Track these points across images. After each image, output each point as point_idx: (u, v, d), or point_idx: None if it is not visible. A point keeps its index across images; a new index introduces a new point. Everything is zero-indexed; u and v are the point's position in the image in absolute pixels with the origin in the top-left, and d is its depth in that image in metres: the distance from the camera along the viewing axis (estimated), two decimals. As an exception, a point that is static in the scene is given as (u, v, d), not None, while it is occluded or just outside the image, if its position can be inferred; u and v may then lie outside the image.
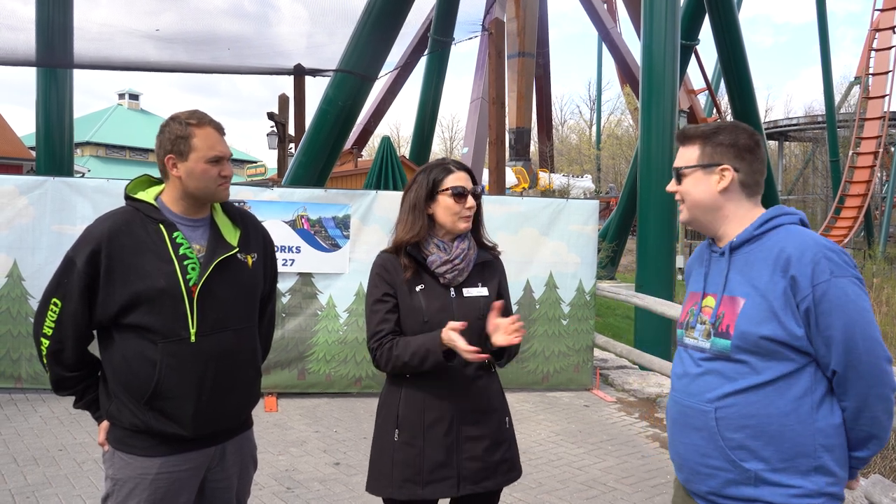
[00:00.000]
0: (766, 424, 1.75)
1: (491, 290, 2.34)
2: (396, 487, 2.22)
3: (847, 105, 37.99)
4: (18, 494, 4.01)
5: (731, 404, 1.78)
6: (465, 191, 2.28)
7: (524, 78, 27.69)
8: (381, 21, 9.43)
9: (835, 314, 1.69)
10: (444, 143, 62.11)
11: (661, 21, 8.36)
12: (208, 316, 2.09)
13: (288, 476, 4.44)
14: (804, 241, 1.76)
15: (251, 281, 2.23)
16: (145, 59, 10.92)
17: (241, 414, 2.25)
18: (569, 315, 6.70)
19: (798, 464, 1.74)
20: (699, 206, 1.91)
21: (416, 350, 2.17)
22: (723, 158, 1.87)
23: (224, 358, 2.12)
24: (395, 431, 2.25)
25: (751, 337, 1.75)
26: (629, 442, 5.33)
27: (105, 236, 2.05)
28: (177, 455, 2.10)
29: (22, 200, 5.99)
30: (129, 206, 2.15)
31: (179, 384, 2.05)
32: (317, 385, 6.24)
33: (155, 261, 2.05)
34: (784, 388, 1.74)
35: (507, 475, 2.31)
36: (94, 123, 40.15)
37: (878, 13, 29.40)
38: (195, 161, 2.09)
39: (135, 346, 2.05)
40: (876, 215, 31.13)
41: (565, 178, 35.13)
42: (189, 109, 2.16)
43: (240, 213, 2.29)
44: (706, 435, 1.82)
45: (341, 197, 6.37)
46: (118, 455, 2.11)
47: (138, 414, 2.06)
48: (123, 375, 2.06)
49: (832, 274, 1.70)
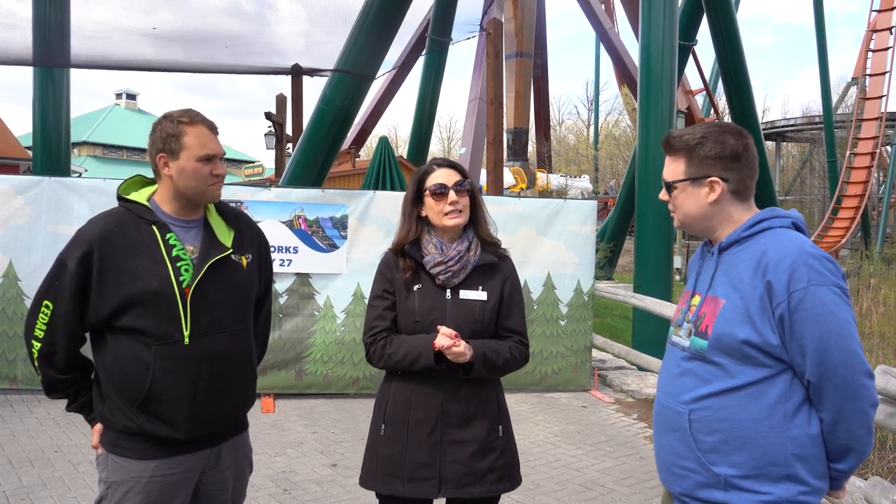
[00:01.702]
0: (739, 430, 1.72)
1: (492, 294, 2.30)
2: (380, 481, 2.25)
3: (844, 106, 38.07)
4: (13, 496, 3.98)
5: (704, 407, 1.77)
6: (445, 188, 2.27)
7: (522, 78, 27.73)
8: (379, 20, 9.42)
9: (809, 323, 1.64)
10: (441, 144, 62.14)
11: (660, 21, 8.35)
12: (202, 318, 2.06)
13: (285, 477, 4.42)
14: (786, 247, 1.71)
15: (246, 282, 2.21)
16: (143, 58, 10.90)
17: (236, 416, 2.22)
18: (567, 315, 6.69)
19: (769, 471, 1.71)
20: (691, 217, 1.89)
21: (409, 351, 2.19)
22: (710, 170, 1.82)
23: (218, 360, 2.10)
24: (381, 426, 2.28)
25: (725, 338, 1.73)
26: (627, 443, 5.31)
27: (97, 238, 2.02)
28: (171, 458, 2.07)
29: (18, 200, 5.96)
30: (122, 207, 2.13)
31: (173, 387, 2.03)
32: (314, 386, 6.22)
33: (148, 262, 2.03)
34: (757, 395, 1.72)
35: (497, 484, 2.26)
36: (91, 123, 40.09)
37: (876, 14, 29.47)
38: (186, 159, 2.06)
39: (128, 349, 2.03)
40: (873, 216, 31.21)
41: (563, 178, 35.15)
42: (182, 108, 2.14)
43: (234, 214, 2.27)
44: (680, 436, 1.81)
45: (339, 197, 6.35)
46: (112, 458, 2.08)
47: (132, 416, 2.03)
48: (116, 378, 2.04)
49: (810, 282, 1.65)
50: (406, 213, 2.35)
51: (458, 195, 2.28)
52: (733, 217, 1.85)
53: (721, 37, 15.64)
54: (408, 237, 2.32)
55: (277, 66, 11.90)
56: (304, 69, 11.71)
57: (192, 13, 11.65)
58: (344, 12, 10.29)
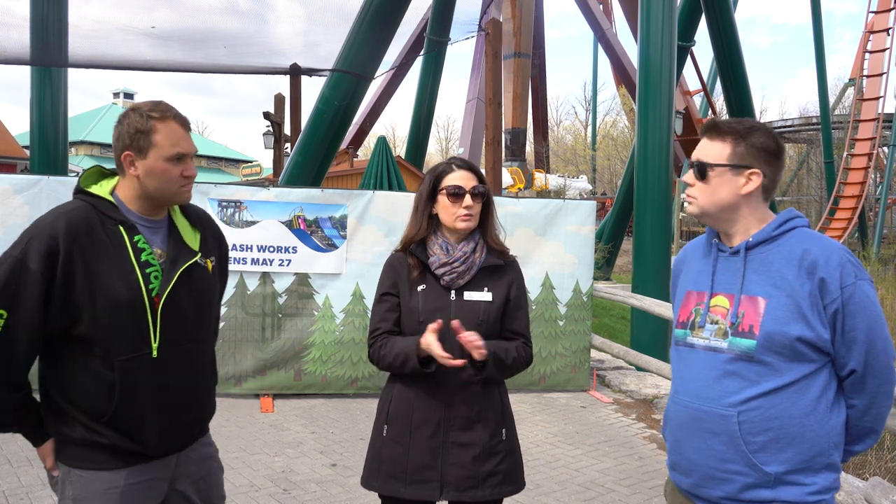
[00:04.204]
0: (789, 426, 1.75)
1: (497, 296, 2.27)
2: (382, 482, 2.24)
3: (842, 107, 38.15)
4: (12, 496, 3.98)
5: (754, 408, 1.77)
6: (462, 190, 2.24)
7: (520, 78, 27.74)
8: (377, 20, 9.42)
9: (859, 316, 1.74)
10: (439, 144, 62.14)
11: (658, 22, 8.36)
12: (171, 328, 1.90)
13: (284, 477, 4.42)
14: (828, 245, 1.78)
15: (211, 288, 2.07)
16: (140, 57, 10.87)
17: (202, 424, 2.11)
18: (565, 316, 6.69)
19: (814, 463, 1.77)
20: (718, 205, 1.86)
21: (398, 353, 2.18)
22: (754, 161, 1.84)
23: (185, 370, 1.97)
24: (384, 427, 2.27)
25: (777, 336, 1.75)
26: (626, 443, 5.32)
27: (63, 235, 1.80)
28: (141, 465, 1.92)
29: (16, 200, 5.94)
30: (84, 200, 1.91)
31: (142, 404, 1.87)
32: (313, 386, 6.22)
33: (115, 268, 1.83)
34: (804, 389, 1.76)
35: (499, 488, 2.24)
36: (88, 122, 40.07)
37: (873, 15, 29.55)
38: (155, 159, 1.87)
39: (89, 364, 1.83)
40: (870, 216, 31.25)
41: (561, 178, 35.16)
42: (151, 100, 1.94)
43: (197, 214, 2.12)
44: (726, 440, 1.79)
45: (338, 197, 6.34)
46: (75, 473, 1.88)
47: (96, 428, 1.85)
48: (75, 395, 1.85)
49: (857, 277, 1.75)
50: (419, 210, 2.30)
51: (474, 200, 2.26)
52: (756, 213, 1.87)
53: (719, 37, 15.68)
54: (419, 234, 2.28)
55: (276, 66, 11.89)
56: (303, 69, 11.70)
57: (190, 12, 11.65)
58: (342, 12, 10.29)
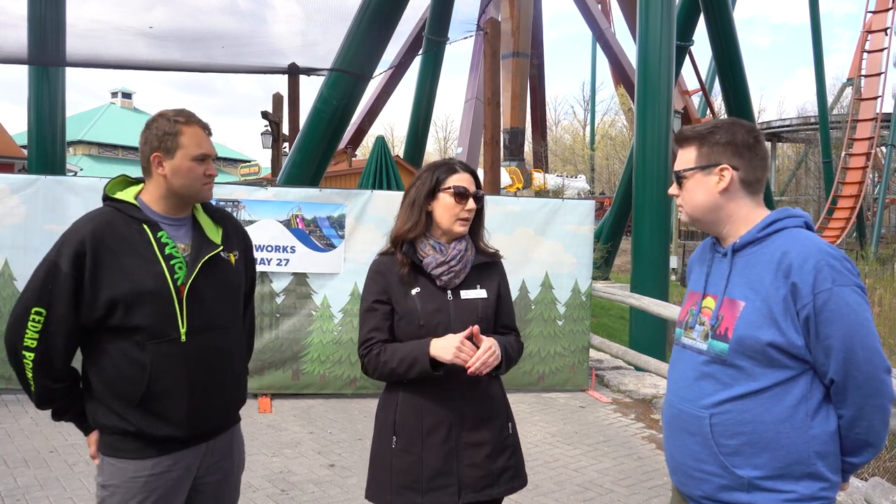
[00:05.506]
0: (762, 431, 1.73)
1: (490, 292, 2.28)
2: (395, 494, 2.16)
3: (840, 106, 38.19)
4: (8, 497, 3.96)
5: (726, 411, 1.76)
6: (467, 192, 2.22)
7: (518, 78, 27.71)
8: (376, 19, 9.39)
9: (835, 324, 1.66)
10: (438, 143, 62.12)
11: (657, 22, 8.35)
12: (197, 315, 2.07)
13: (282, 478, 4.40)
14: (807, 248, 1.71)
15: (236, 279, 2.23)
16: (138, 57, 10.84)
17: (231, 411, 2.24)
18: (564, 316, 6.68)
19: (792, 470, 1.72)
20: (700, 208, 1.88)
21: (404, 357, 2.12)
22: (720, 158, 1.83)
23: (214, 356, 2.11)
24: (392, 438, 2.19)
25: (748, 341, 1.73)
26: (625, 443, 5.31)
27: (89, 238, 2.01)
28: (167, 455, 2.07)
29: (13, 199, 5.93)
30: (109, 206, 2.12)
31: (171, 384, 2.02)
32: (311, 386, 6.20)
33: (141, 261, 2.02)
34: (780, 396, 1.72)
35: (511, 483, 2.23)
36: (86, 122, 39.98)
37: (871, 15, 29.57)
38: (182, 158, 2.07)
39: (123, 349, 2.01)
40: (868, 216, 31.29)
41: (560, 178, 35.17)
42: (175, 108, 2.15)
43: (219, 212, 2.28)
44: (700, 440, 1.80)
45: (336, 196, 6.33)
46: (107, 461, 2.07)
47: (128, 417, 2.02)
48: (112, 379, 2.03)
49: (834, 282, 1.66)
50: (417, 204, 2.23)
51: (475, 203, 2.27)
52: (742, 212, 1.85)
53: (718, 37, 15.66)
54: (413, 230, 2.21)
55: (274, 66, 11.86)
56: (301, 68, 11.67)
57: (188, 11, 11.64)
58: (341, 11, 10.26)
